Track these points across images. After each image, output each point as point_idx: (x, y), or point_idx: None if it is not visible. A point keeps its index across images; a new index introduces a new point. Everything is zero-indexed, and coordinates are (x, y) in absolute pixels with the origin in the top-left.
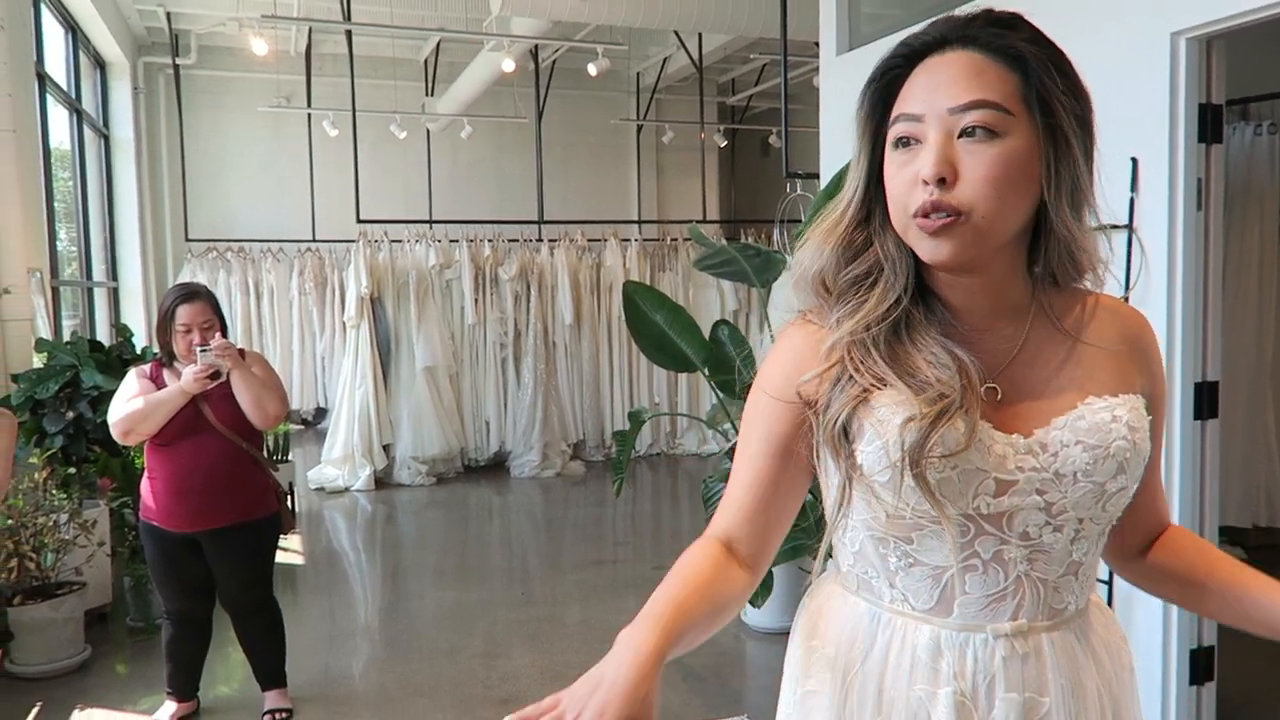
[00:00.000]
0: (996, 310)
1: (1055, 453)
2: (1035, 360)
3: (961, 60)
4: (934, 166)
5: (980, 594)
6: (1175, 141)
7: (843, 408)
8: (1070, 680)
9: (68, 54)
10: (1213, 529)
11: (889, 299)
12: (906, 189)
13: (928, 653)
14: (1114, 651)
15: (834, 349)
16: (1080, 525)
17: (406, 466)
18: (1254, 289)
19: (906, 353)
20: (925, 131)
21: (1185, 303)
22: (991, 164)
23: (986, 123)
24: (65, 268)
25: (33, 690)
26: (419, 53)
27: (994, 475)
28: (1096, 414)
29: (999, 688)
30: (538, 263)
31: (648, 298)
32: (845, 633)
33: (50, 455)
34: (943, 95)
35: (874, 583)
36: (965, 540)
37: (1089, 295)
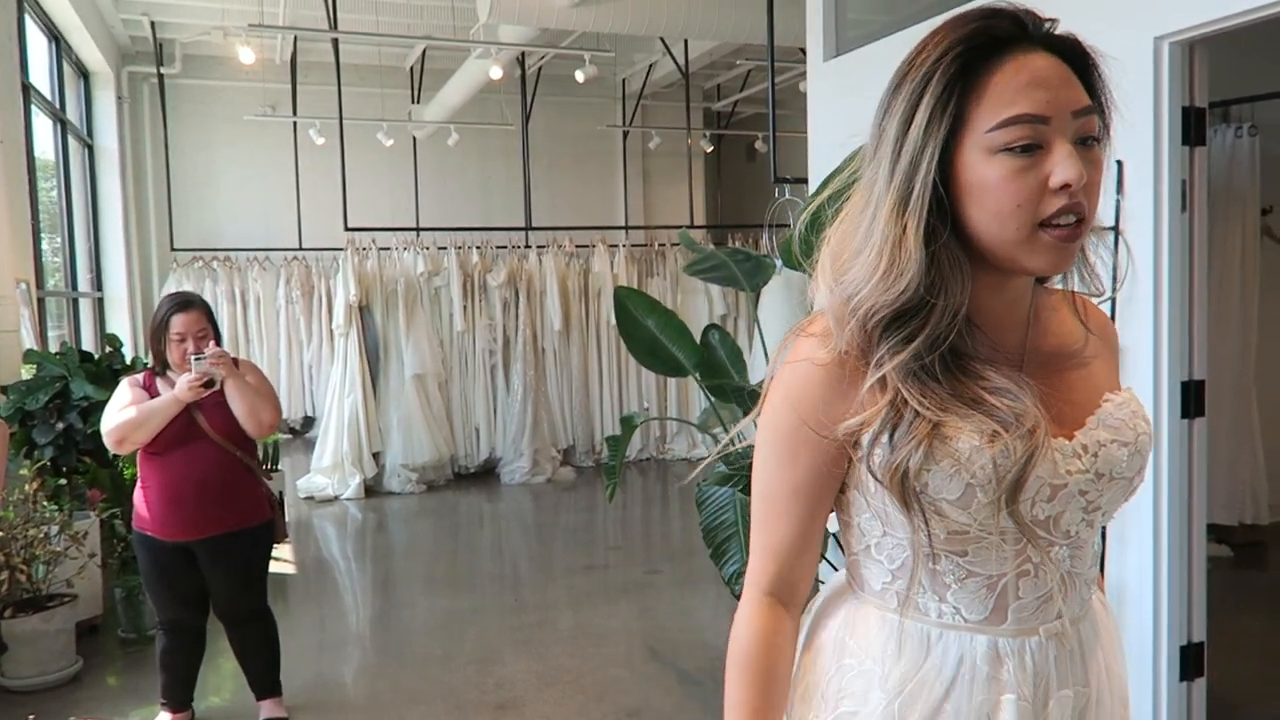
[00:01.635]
0: (1021, 314)
1: (1096, 454)
2: (1045, 360)
3: (1055, 64)
4: (1082, 173)
5: (1032, 597)
6: (1160, 144)
7: (913, 448)
8: (1104, 665)
9: (51, 64)
10: (1200, 527)
11: (946, 320)
12: (1034, 196)
13: (987, 662)
14: (1113, 625)
15: (880, 386)
16: (1102, 518)
17: (396, 474)
18: (1237, 289)
19: (960, 381)
20: (1049, 135)
21: (1171, 303)
22: (1099, 170)
23: (1095, 129)
24: (50, 278)
25: (25, 703)
26: (405, 61)
27: (1049, 482)
28: (1120, 410)
29: (1053, 686)
30: (526, 269)
31: (639, 303)
32: (889, 650)
33: (40, 466)
34: (1064, 98)
35: (920, 600)
36: (1019, 547)
37: (1069, 294)
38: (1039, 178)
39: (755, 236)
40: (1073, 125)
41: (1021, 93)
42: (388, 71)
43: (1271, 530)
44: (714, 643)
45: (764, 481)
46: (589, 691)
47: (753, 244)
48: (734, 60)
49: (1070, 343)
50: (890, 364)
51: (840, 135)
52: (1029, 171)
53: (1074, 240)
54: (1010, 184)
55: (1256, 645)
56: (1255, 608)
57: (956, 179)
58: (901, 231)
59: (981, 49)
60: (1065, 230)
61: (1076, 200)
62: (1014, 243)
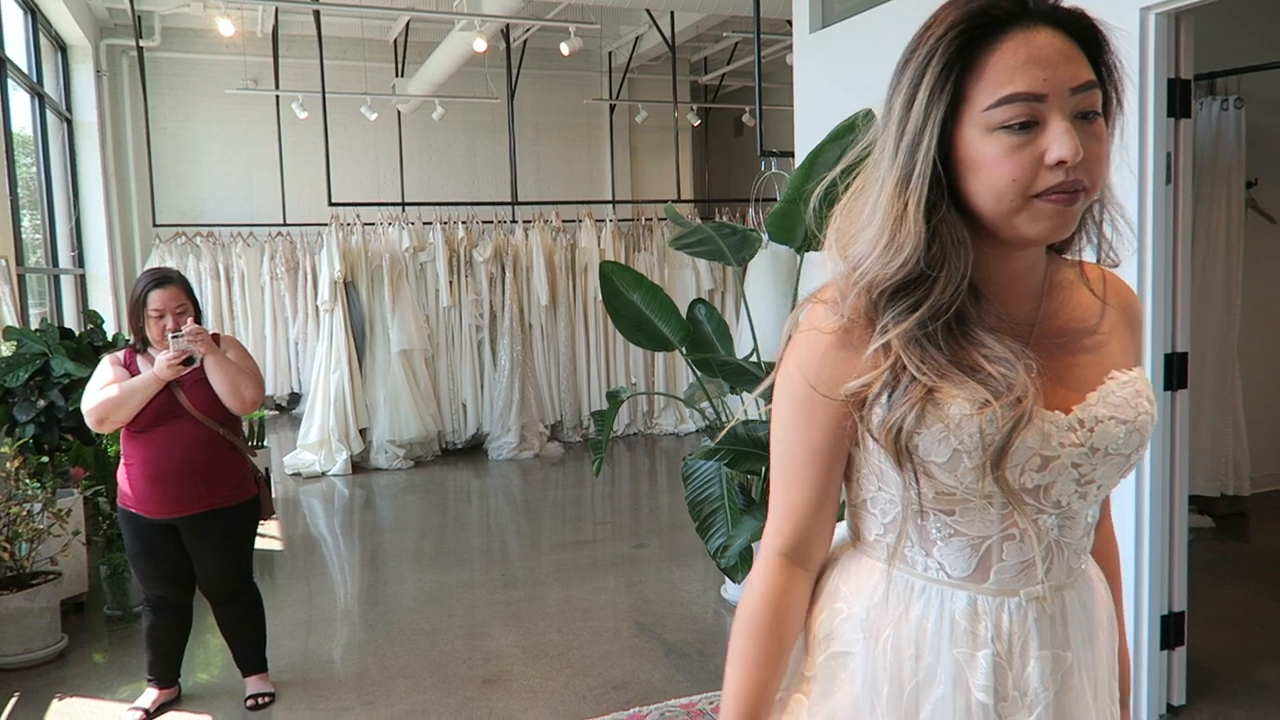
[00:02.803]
0: (1032, 285)
1: (1092, 428)
2: (1056, 333)
3: (1058, 39)
4: (1074, 148)
5: (1016, 561)
6: (1145, 116)
7: (907, 410)
8: (1086, 632)
9: (27, 36)
10: (1182, 498)
11: (950, 289)
12: (1029, 171)
13: (966, 617)
14: (1105, 596)
15: (883, 351)
16: (1098, 491)
17: (383, 450)
18: (1221, 261)
19: (962, 347)
20: (1046, 112)
21: (1155, 275)
22: (1101, 142)
23: (1097, 104)
24: (30, 255)
25: (10, 681)
26: (388, 33)
27: (1040, 453)
28: (1123, 388)
29: (1033, 646)
30: (512, 244)
31: (625, 277)
32: (876, 598)
33: (22, 444)
34: (1062, 75)
35: (907, 552)
36: (1006, 512)
37: (1092, 267)
38: (1035, 154)
39: (742, 210)
40: (1071, 101)
41: (1019, 71)
42: (371, 44)
43: (1253, 501)
44: (701, 616)
45: (782, 445)
46: (576, 665)
47: (740, 218)
48: (721, 33)
49: (1083, 317)
50: (894, 331)
51: (827, 107)
52: (1026, 148)
53: (1071, 204)
54: (1007, 160)
55: (1237, 615)
56: (1236, 578)
57: (958, 155)
58: (904, 207)
59: (983, 27)
60: (1063, 196)
61: (1073, 176)
62: (1009, 213)
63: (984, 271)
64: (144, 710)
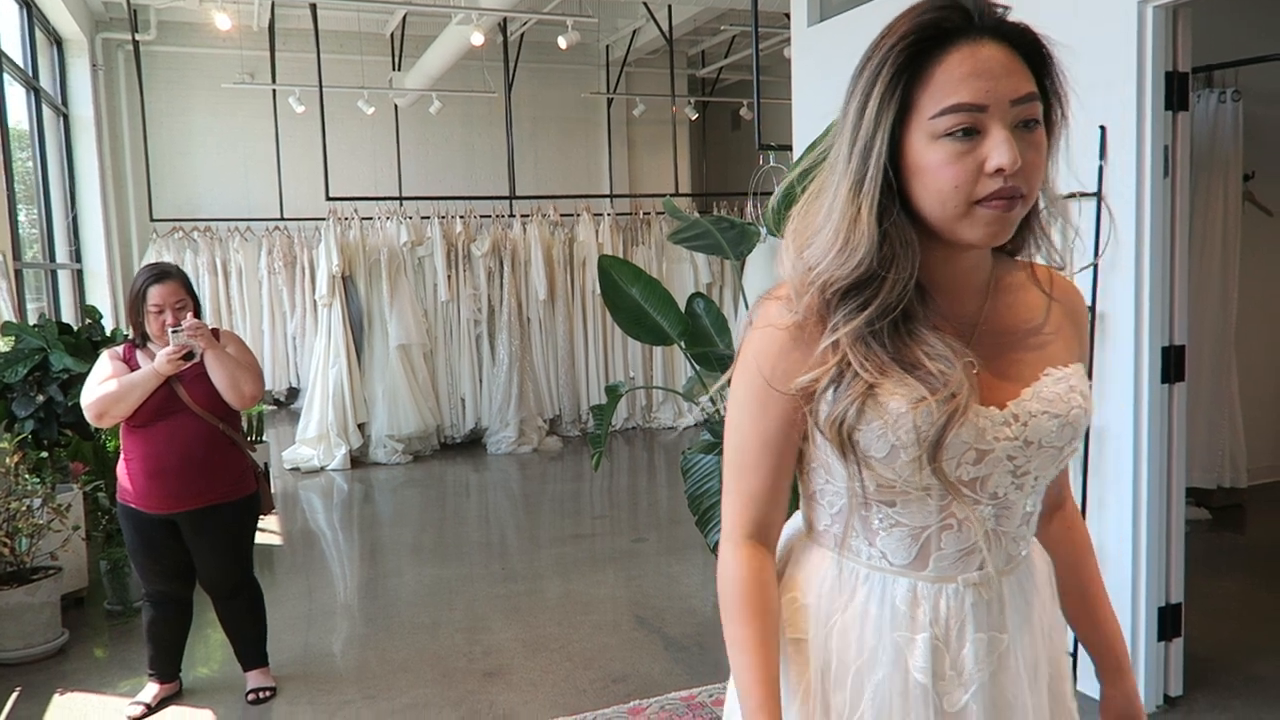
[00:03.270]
0: (976, 284)
1: (1026, 423)
2: (998, 331)
3: (1002, 52)
4: (1013, 156)
5: (954, 549)
6: (1143, 109)
7: (847, 405)
8: (1023, 616)
9: (23, 30)
10: (1179, 491)
11: (897, 290)
12: (969, 178)
13: (906, 603)
14: (1047, 580)
15: (833, 348)
16: (1035, 483)
17: (382, 445)
18: (1218, 254)
19: (906, 345)
20: (987, 122)
21: (1153, 268)
22: (1040, 151)
23: (1037, 114)
24: (27, 250)
25: (11, 676)
26: (385, 27)
27: (975, 446)
28: (1057, 384)
29: (969, 630)
30: (510, 238)
31: (623, 271)
32: (825, 586)
33: (21, 439)
34: (1004, 87)
35: (853, 541)
36: (944, 503)
37: (1039, 268)
38: (977, 161)
39: (740, 204)
40: (1011, 112)
41: (963, 82)
42: (368, 38)
43: (1250, 494)
44: (700, 609)
45: (738, 434)
46: (576, 659)
47: (738, 212)
48: (718, 26)
49: (1029, 316)
50: (844, 329)
51: (824, 101)
52: (968, 155)
53: (1009, 211)
54: (950, 167)
55: (1233, 607)
56: (1233, 570)
57: (906, 161)
58: (857, 210)
59: (932, 39)
60: (1001, 202)
61: (1011, 184)
62: (953, 218)
63: (931, 272)
64: (145, 705)
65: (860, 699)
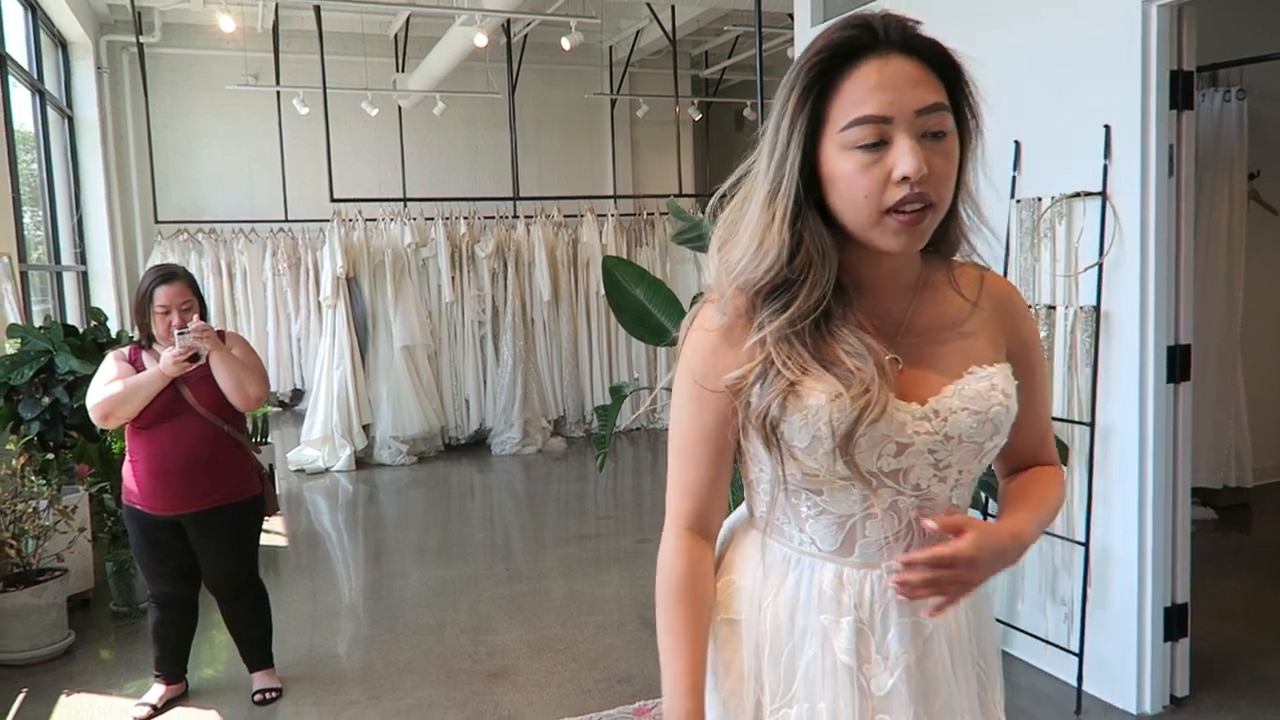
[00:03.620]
0: (902, 285)
1: (946, 418)
2: (924, 331)
3: (909, 66)
4: (918, 166)
5: (877, 537)
6: (1147, 108)
7: (771, 400)
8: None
9: (28, 33)
10: (1185, 490)
11: (816, 293)
12: (878, 186)
13: (832, 587)
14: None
15: (759, 346)
16: (960, 476)
17: (387, 446)
18: (1224, 254)
19: (826, 343)
20: (893, 132)
21: (1158, 267)
22: (948, 160)
23: (942, 124)
24: (32, 252)
25: (17, 677)
26: (389, 28)
27: (895, 439)
28: (979, 382)
29: (893, 615)
30: (514, 239)
31: (627, 272)
32: (760, 569)
33: (27, 441)
34: (908, 99)
35: (785, 528)
36: (868, 492)
37: (972, 268)
38: (884, 170)
39: None
40: (916, 122)
41: (869, 95)
42: (371, 39)
43: (1256, 493)
44: None
45: (678, 430)
46: (581, 659)
47: None
48: (722, 26)
49: (952, 315)
50: (768, 328)
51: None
52: (876, 165)
53: (917, 224)
54: (859, 177)
55: (1239, 607)
56: (1239, 570)
57: (822, 171)
58: (771, 217)
59: (844, 56)
60: (909, 215)
61: (919, 190)
62: (866, 226)
63: (855, 273)
64: (151, 706)
65: (792, 679)
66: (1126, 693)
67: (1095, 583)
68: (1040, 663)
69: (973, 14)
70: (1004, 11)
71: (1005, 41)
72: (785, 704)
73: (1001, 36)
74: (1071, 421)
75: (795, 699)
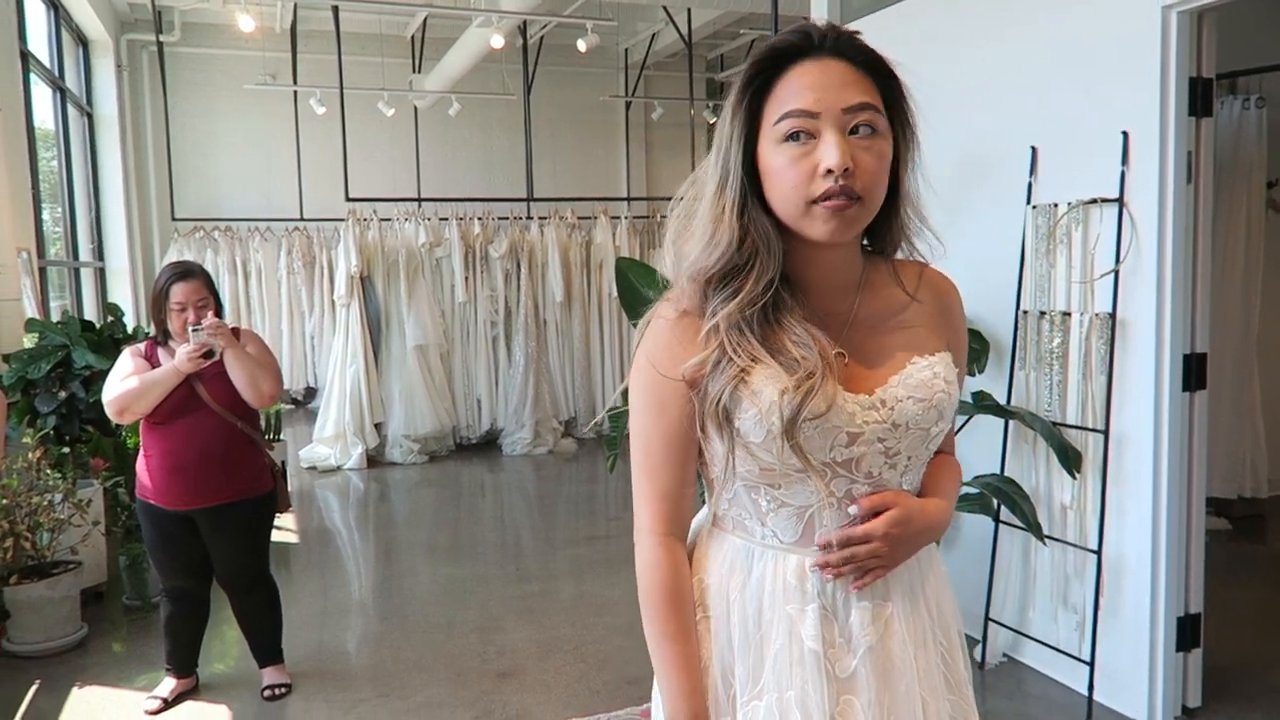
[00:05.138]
0: (845, 282)
1: (893, 407)
2: (867, 325)
3: (840, 67)
4: (841, 159)
5: (835, 526)
6: (1166, 115)
7: (724, 386)
8: (908, 585)
9: (50, 31)
10: (1199, 500)
11: (763, 282)
12: (806, 178)
13: (795, 577)
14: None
15: (713, 334)
16: (909, 461)
17: (398, 445)
18: (1241, 262)
19: (775, 333)
20: (820, 127)
21: (1174, 275)
22: (878, 157)
23: (872, 122)
24: (51, 248)
25: (30, 669)
26: (406, 29)
27: (846, 430)
28: (921, 371)
29: (853, 599)
30: (528, 240)
31: (640, 273)
32: (725, 566)
33: (43, 435)
34: (835, 96)
35: (747, 523)
36: (823, 483)
37: (915, 265)
38: (811, 164)
39: None
40: (843, 119)
41: (799, 92)
42: (388, 40)
43: (1270, 504)
44: None
45: (642, 437)
46: (590, 660)
47: None
48: (737, 30)
49: (895, 310)
50: (720, 314)
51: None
52: (804, 159)
53: (842, 211)
54: (789, 169)
55: (1253, 617)
56: (1253, 580)
57: (761, 166)
58: (720, 209)
59: (782, 58)
60: (834, 204)
61: (842, 184)
62: (796, 217)
63: (801, 270)
64: (162, 699)
65: (761, 671)
66: (1138, 703)
67: (1108, 591)
68: (1051, 671)
69: (1006, 7)
70: (1034, 8)
71: (1034, 38)
72: (755, 696)
73: (1031, 33)
74: (1086, 429)
75: (765, 690)
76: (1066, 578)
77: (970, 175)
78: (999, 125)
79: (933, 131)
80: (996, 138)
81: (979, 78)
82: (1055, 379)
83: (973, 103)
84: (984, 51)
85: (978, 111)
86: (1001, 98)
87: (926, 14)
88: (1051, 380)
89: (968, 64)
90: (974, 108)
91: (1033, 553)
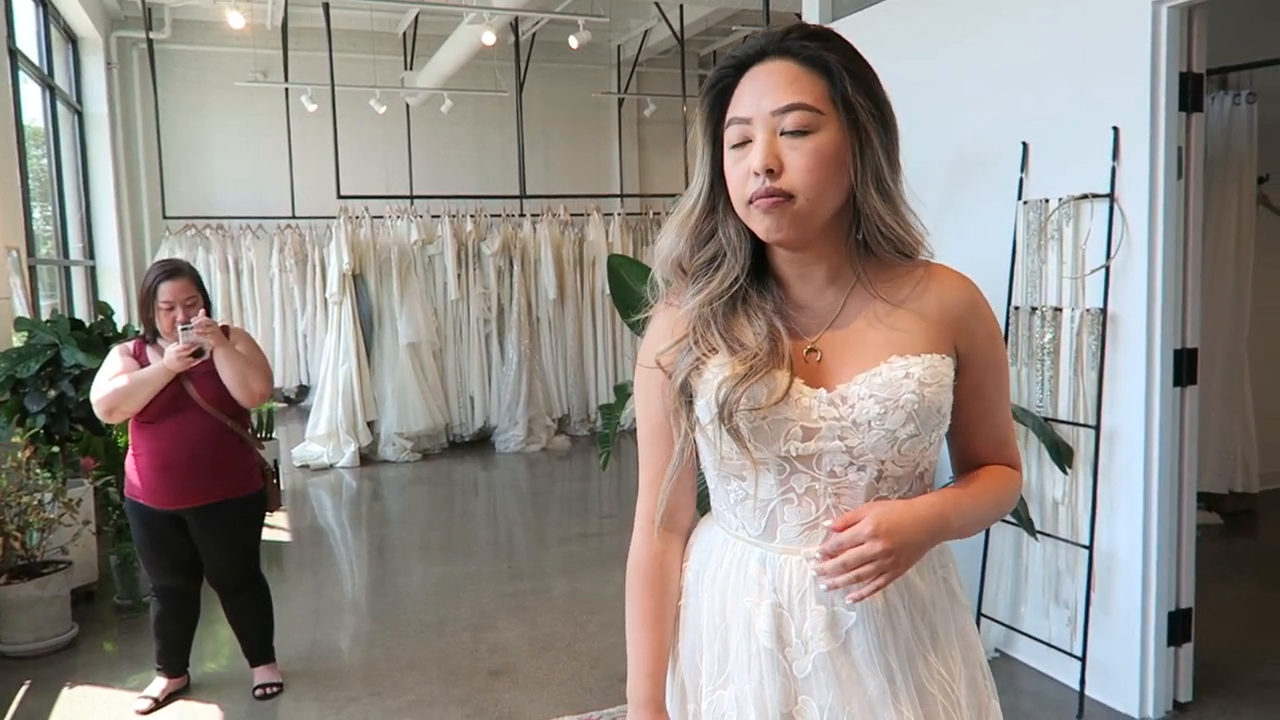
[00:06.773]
0: (827, 281)
1: (852, 404)
2: (852, 324)
3: (779, 69)
4: (763, 160)
5: (796, 523)
6: (1156, 110)
7: (682, 372)
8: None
9: (39, 29)
10: (1190, 495)
11: (729, 278)
12: (743, 180)
13: (755, 571)
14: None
15: (682, 323)
16: (882, 466)
17: (391, 443)
18: (1232, 257)
19: (740, 325)
20: (754, 131)
21: (1165, 270)
22: (807, 156)
23: (801, 123)
24: (41, 246)
25: (20, 669)
26: (397, 26)
27: (800, 424)
28: (892, 371)
29: (810, 601)
30: (520, 237)
31: (632, 270)
32: (704, 555)
33: (33, 434)
34: (766, 100)
35: (725, 514)
36: (783, 477)
37: (919, 266)
38: (748, 166)
39: None
40: (772, 121)
41: (741, 100)
42: (380, 37)
43: (1261, 499)
44: None
45: (640, 429)
46: (583, 658)
47: None
48: (730, 26)
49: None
50: (691, 303)
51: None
52: (741, 161)
53: (771, 212)
54: (732, 172)
55: (1244, 612)
56: (1244, 575)
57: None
58: (692, 209)
59: (740, 67)
60: (764, 201)
61: (769, 185)
62: (745, 217)
63: (781, 267)
64: (153, 699)
65: (725, 661)
66: (1129, 697)
67: (1099, 587)
68: (1043, 666)
69: (995, 2)
70: (1024, 3)
71: (1024, 33)
72: (720, 685)
73: (1021, 28)
74: (1077, 424)
75: (729, 680)
76: (1058, 573)
77: (961, 171)
78: (990, 121)
79: (923, 128)
80: (987, 133)
81: (969, 74)
82: (1046, 374)
83: (963, 99)
84: (974, 47)
85: (968, 107)
86: (992, 94)
87: (916, 10)
88: (1043, 376)
89: (958, 60)
90: (964, 104)
91: (1024, 548)
